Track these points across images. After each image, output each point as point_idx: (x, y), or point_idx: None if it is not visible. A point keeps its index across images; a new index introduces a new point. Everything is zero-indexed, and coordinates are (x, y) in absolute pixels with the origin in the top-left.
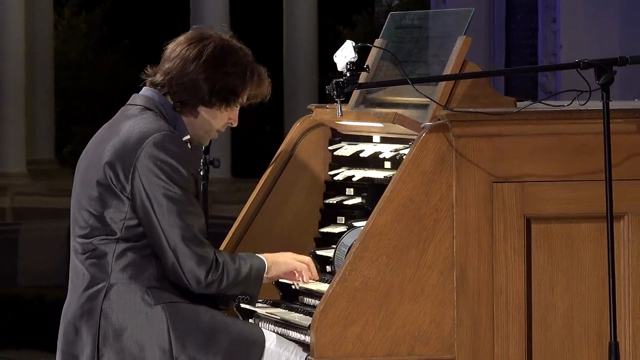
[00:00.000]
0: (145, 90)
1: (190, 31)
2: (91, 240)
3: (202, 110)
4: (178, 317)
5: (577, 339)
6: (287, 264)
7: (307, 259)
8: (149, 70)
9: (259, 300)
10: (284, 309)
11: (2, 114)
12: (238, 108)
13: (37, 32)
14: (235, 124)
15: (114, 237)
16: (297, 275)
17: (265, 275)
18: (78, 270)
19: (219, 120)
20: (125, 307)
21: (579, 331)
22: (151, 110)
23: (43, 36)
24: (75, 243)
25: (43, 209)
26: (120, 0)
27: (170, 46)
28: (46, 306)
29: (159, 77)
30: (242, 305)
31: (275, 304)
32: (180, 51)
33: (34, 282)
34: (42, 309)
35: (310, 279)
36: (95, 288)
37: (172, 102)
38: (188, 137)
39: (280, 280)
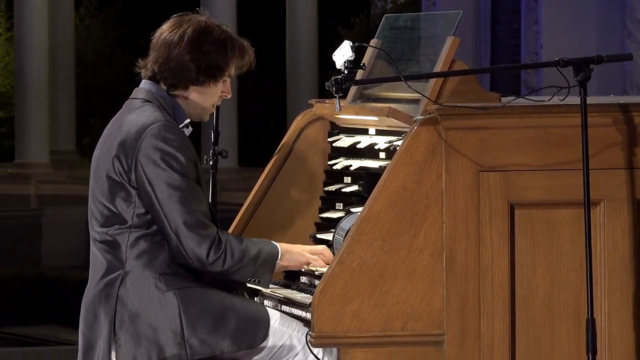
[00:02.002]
0: (144, 84)
1: (170, 19)
2: (106, 230)
3: (194, 90)
4: (188, 302)
5: (557, 316)
6: (302, 255)
7: (321, 248)
8: (141, 62)
9: (282, 282)
10: (294, 289)
11: (27, 109)
12: (229, 81)
13: (59, 33)
14: (229, 96)
15: (126, 226)
16: (309, 267)
17: (278, 262)
18: (96, 258)
19: (212, 95)
20: (139, 294)
21: (559, 308)
22: (150, 102)
23: (64, 36)
24: (93, 232)
25: (64, 195)
26: (135, 2)
27: (155, 36)
28: (68, 285)
29: (149, 66)
30: (249, 285)
31: (286, 286)
32: (164, 39)
33: (56, 263)
34: (64, 287)
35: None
36: (112, 275)
37: (165, 88)
38: (188, 120)
39: None
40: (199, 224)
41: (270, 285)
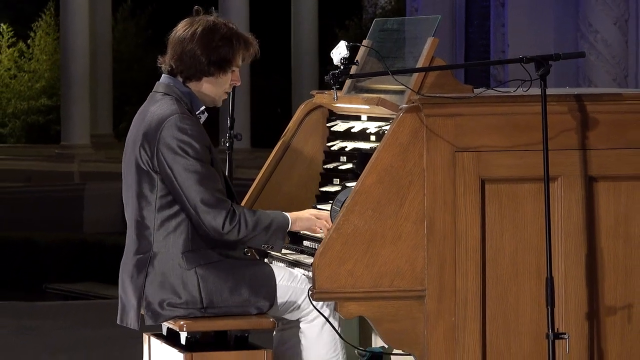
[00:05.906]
0: (163, 78)
1: (184, 20)
2: (137, 212)
3: (206, 81)
4: (207, 278)
5: (521, 275)
6: (310, 220)
7: (325, 214)
8: (160, 59)
9: (289, 246)
10: (307, 254)
11: (71, 98)
12: (237, 70)
13: (98, 34)
14: (238, 84)
15: (152, 209)
16: (317, 229)
17: (290, 229)
18: (130, 234)
19: (222, 84)
20: (165, 271)
21: (523, 268)
22: (169, 95)
23: (103, 38)
24: (127, 213)
25: (103, 172)
26: (163, 7)
27: (171, 35)
28: (106, 248)
29: (167, 62)
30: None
31: (302, 251)
32: (178, 37)
33: (96, 230)
34: (103, 250)
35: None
36: (143, 256)
37: (181, 80)
38: (203, 107)
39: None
40: (214, 200)
41: (283, 250)
